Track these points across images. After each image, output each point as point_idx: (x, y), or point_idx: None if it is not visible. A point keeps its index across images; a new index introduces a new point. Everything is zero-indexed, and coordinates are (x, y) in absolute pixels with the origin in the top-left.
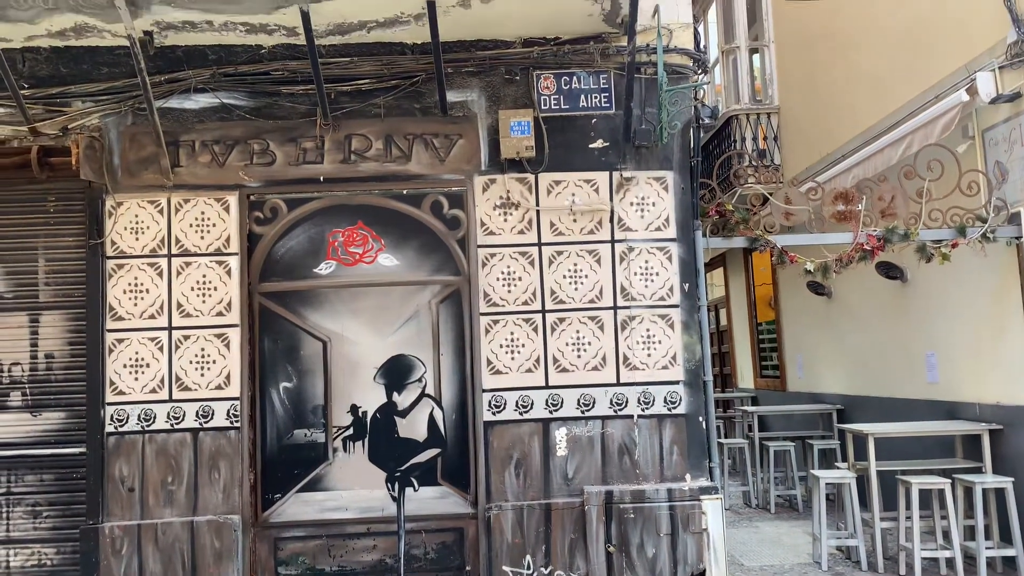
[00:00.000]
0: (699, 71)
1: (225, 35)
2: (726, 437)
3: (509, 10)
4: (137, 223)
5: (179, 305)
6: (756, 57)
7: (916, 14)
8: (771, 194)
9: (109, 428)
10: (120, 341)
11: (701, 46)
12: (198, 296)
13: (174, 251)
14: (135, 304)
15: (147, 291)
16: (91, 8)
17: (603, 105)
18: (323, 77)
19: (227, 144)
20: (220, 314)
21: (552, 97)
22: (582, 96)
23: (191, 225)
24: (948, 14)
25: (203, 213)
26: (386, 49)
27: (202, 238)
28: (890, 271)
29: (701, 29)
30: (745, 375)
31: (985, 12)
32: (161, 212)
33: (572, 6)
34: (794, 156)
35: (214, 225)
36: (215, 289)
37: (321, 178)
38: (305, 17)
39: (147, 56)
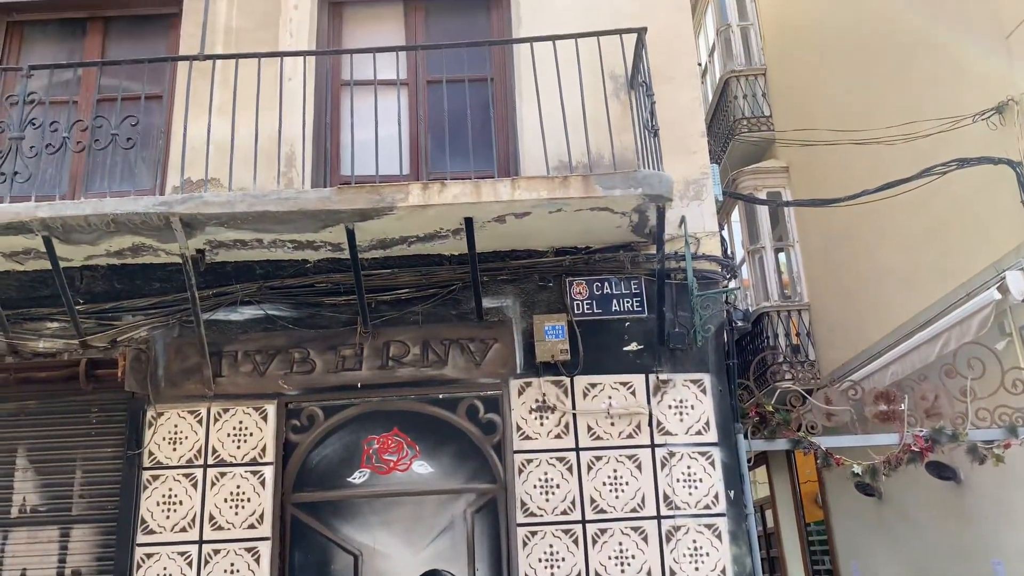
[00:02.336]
0: (728, 276)
1: (273, 251)
2: None
3: (541, 225)
4: (176, 433)
5: (211, 518)
6: (782, 255)
7: (937, 215)
8: (809, 392)
9: None
10: (149, 556)
11: (728, 252)
12: (231, 508)
13: (210, 461)
14: (167, 517)
15: (180, 503)
16: (149, 230)
17: (635, 309)
18: (364, 288)
19: (269, 353)
20: (252, 527)
21: (585, 302)
22: (614, 301)
23: (228, 434)
24: (969, 215)
25: (241, 422)
26: (425, 260)
27: (238, 447)
28: (942, 472)
29: (726, 231)
30: None
31: (1006, 213)
32: (200, 422)
33: (601, 220)
34: (829, 352)
35: (251, 434)
36: (248, 500)
37: (359, 384)
38: (350, 235)
39: (198, 272)
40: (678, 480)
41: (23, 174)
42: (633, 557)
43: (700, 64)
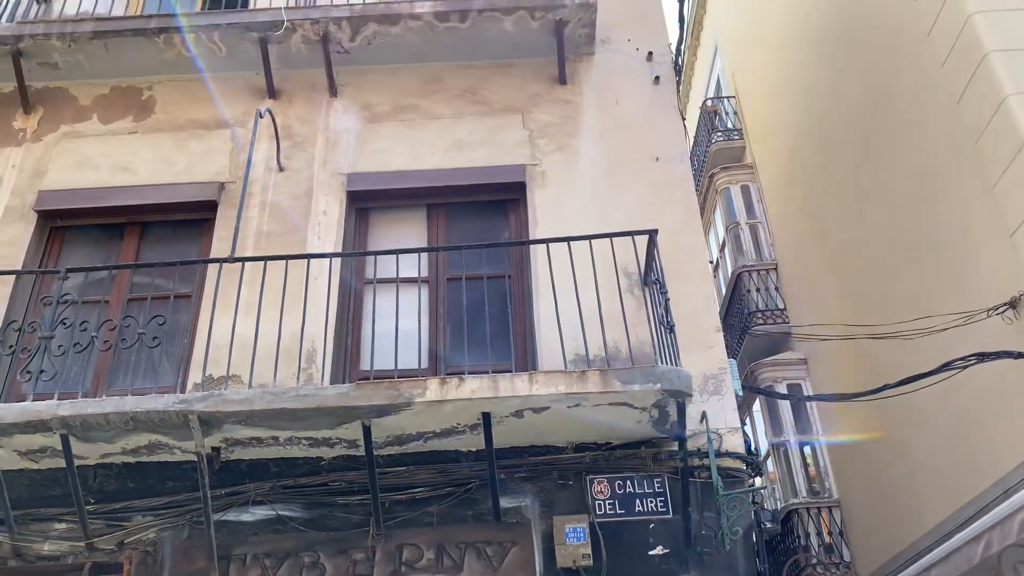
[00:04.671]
0: (753, 474)
1: (289, 449)
2: None
3: (560, 420)
4: None
5: None
6: (807, 448)
7: (963, 408)
8: None
9: None
10: None
11: (752, 448)
12: None
13: None
14: None
15: None
16: (167, 428)
17: (659, 510)
18: (379, 486)
19: (278, 557)
20: None
21: (607, 502)
22: (637, 500)
23: None
24: (995, 408)
25: None
26: (441, 457)
27: None
28: None
29: (748, 424)
30: None
31: None
32: None
33: (621, 415)
34: (864, 552)
35: None
36: None
37: None
38: (366, 431)
39: (212, 471)
40: None
41: (48, 372)
42: None
43: (712, 261)
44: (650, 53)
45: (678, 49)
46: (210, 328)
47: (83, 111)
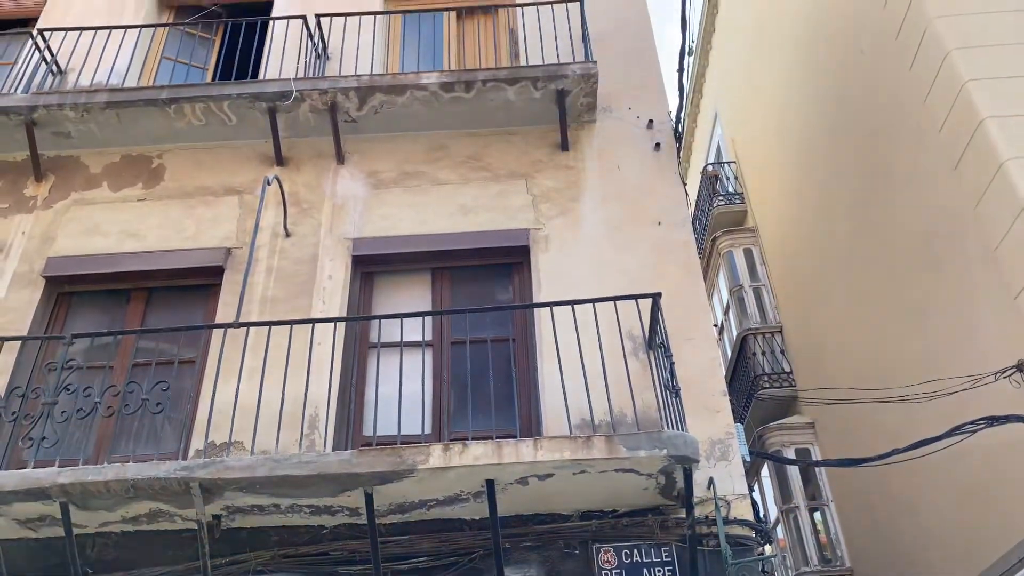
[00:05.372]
0: (763, 541)
1: (290, 517)
2: None
3: (565, 487)
4: None
5: None
6: (817, 514)
7: (974, 474)
8: None
9: None
10: None
11: (761, 515)
12: None
13: None
14: None
15: None
16: (167, 495)
17: None
18: (381, 555)
19: None
20: None
21: (614, 571)
22: (645, 570)
23: None
24: (1007, 474)
25: None
26: (445, 526)
27: None
28: None
29: (756, 490)
30: None
31: None
32: None
33: (627, 482)
34: None
35: None
36: None
37: None
38: (369, 499)
39: (212, 539)
40: None
41: (50, 438)
42: None
43: (716, 324)
44: (651, 121)
45: (678, 116)
46: (213, 394)
47: (94, 179)
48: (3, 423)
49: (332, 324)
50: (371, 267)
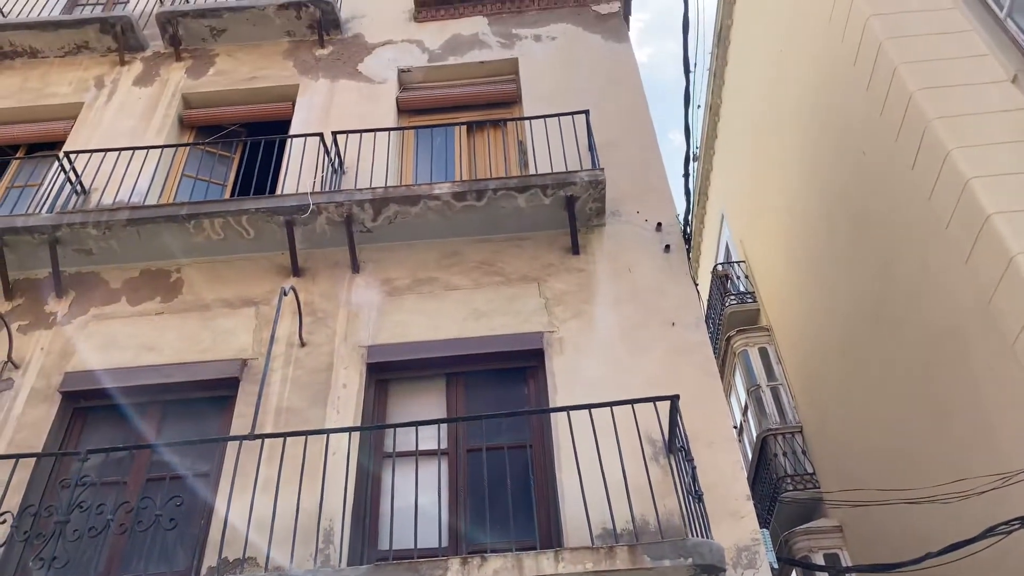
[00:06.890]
0: None
1: None
2: None
3: None
4: None
5: None
6: None
7: None
8: None
9: None
10: None
11: None
12: None
13: None
14: None
15: None
16: None
17: None
18: None
19: None
20: None
21: None
22: None
23: None
24: None
25: None
26: None
27: None
28: None
29: None
30: None
31: None
32: None
33: None
34: None
35: None
36: None
37: None
38: None
39: None
40: None
41: (61, 558)
42: None
43: (735, 425)
44: (659, 224)
45: (686, 219)
46: (227, 508)
47: (113, 294)
48: (15, 542)
49: (347, 434)
50: (385, 374)
